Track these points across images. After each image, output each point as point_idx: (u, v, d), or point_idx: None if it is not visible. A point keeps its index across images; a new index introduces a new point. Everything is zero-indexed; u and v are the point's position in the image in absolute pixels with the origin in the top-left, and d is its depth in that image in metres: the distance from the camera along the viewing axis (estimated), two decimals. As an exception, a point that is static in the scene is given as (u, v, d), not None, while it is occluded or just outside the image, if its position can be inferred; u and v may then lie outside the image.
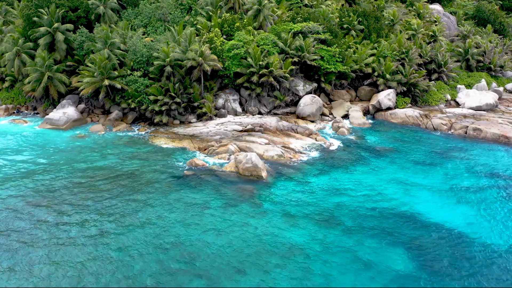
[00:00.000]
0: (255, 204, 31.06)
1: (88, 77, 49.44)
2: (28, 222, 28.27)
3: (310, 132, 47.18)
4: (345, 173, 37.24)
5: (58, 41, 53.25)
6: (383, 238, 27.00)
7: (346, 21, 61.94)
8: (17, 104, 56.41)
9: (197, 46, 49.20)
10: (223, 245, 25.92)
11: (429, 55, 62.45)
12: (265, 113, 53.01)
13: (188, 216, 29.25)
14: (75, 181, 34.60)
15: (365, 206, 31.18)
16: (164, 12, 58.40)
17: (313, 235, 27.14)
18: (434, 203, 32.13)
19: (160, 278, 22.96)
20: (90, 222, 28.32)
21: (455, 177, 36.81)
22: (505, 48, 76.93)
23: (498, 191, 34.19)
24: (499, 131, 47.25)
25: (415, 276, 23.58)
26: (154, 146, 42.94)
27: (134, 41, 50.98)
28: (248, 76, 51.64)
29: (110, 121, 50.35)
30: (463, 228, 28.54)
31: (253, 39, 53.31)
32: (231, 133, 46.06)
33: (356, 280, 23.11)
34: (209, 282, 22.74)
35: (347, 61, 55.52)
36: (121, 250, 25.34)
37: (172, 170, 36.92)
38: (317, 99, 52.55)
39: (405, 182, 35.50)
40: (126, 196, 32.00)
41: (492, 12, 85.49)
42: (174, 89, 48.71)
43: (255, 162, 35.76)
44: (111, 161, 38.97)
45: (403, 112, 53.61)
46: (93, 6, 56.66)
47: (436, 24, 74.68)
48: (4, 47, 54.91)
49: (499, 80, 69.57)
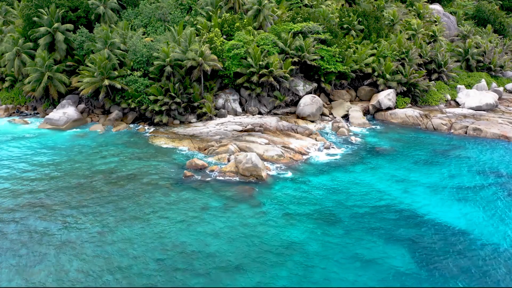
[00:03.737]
0: (255, 203, 31.07)
1: (88, 77, 49.48)
2: (27, 222, 28.25)
3: (310, 132, 47.19)
4: (345, 172, 37.26)
5: (58, 41, 53.31)
6: (383, 237, 27.01)
7: (346, 21, 61.97)
8: (17, 104, 56.44)
9: (197, 46, 49.22)
10: (223, 244, 25.93)
11: (429, 55, 62.46)
12: (265, 113, 53.01)
13: (188, 215, 29.26)
14: (74, 181, 34.62)
15: (365, 205, 31.20)
16: (164, 12, 58.43)
17: (313, 234, 27.16)
18: (434, 201, 32.14)
19: (160, 278, 22.95)
20: (89, 222, 28.32)
21: (455, 176, 36.83)
22: (505, 48, 76.96)
23: (498, 189, 34.18)
24: (499, 131, 47.28)
25: (415, 274, 23.58)
26: (154, 146, 42.96)
27: (134, 41, 51.01)
28: (248, 76, 51.65)
29: (110, 121, 50.38)
30: (463, 226, 28.55)
31: (253, 39, 53.32)
32: (231, 133, 46.06)
33: (356, 279, 23.10)
34: (208, 281, 22.74)
35: (347, 61, 55.53)
36: (121, 249, 25.34)
37: (172, 170, 36.93)
38: (317, 99, 52.57)
39: (405, 181, 35.51)
40: (126, 196, 32.01)
41: (492, 12, 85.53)
42: (174, 89, 48.72)
43: (255, 162, 35.76)
44: (111, 161, 38.98)
45: (403, 112, 53.62)
46: (93, 6, 56.70)
47: (436, 24, 74.71)
48: (4, 47, 54.96)
49: (499, 80, 69.60)
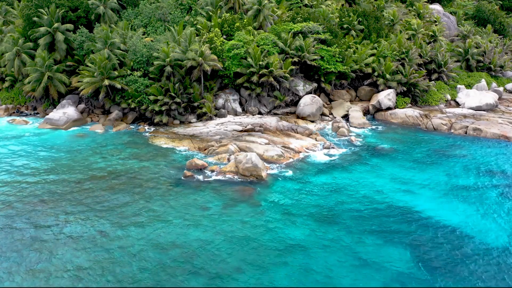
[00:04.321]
0: (255, 203, 31.07)
1: (88, 77, 49.47)
2: (27, 222, 28.26)
3: (310, 132, 47.18)
4: (345, 172, 37.26)
5: (58, 41, 53.29)
6: (383, 237, 27.01)
7: (346, 21, 61.96)
8: (17, 104, 56.43)
9: (197, 46, 49.21)
10: (223, 244, 25.92)
11: (429, 55, 62.45)
12: (265, 113, 53.00)
13: (188, 215, 29.26)
14: (74, 181, 34.62)
15: (364, 205, 31.20)
16: (164, 12, 58.42)
17: (313, 234, 27.15)
18: (434, 201, 32.14)
19: (160, 277, 22.95)
20: (89, 222, 28.32)
21: (455, 176, 36.82)
22: (505, 48, 76.95)
23: (498, 189, 34.17)
24: (499, 131, 47.28)
25: (415, 274, 23.57)
26: (154, 146, 42.95)
27: (134, 41, 51.00)
28: (248, 76, 51.64)
29: (110, 121, 50.36)
30: (463, 226, 28.54)
31: (253, 39, 53.31)
32: (231, 133, 46.05)
33: (356, 279, 23.10)
34: (208, 281, 22.73)
35: (347, 61, 55.52)
36: (121, 249, 25.34)
37: (172, 170, 36.93)
38: (317, 99, 52.56)
39: (405, 181, 35.51)
40: (125, 196, 32.01)
41: (492, 12, 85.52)
42: (174, 89, 48.71)
43: (255, 162, 35.77)
44: (111, 161, 38.98)
45: (403, 112, 53.61)
46: (93, 6, 56.69)
47: (436, 24, 74.70)
48: (4, 47, 54.95)
49: (499, 80, 69.59)
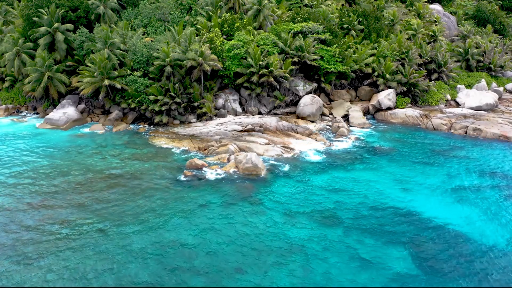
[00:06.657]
0: (255, 203, 31.06)
1: (88, 77, 49.48)
2: (27, 222, 28.26)
3: (310, 132, 47.19)
4: (345, 172, 37.25)
5: (58, 41, 53.32)
6: (382, 237, 27.00)
7: (346, 21, 61.98)
8: (17, 104, 56.47)
9: (197, 46, 49.22)
10: (223, 244, 25.92)
11: (429, 55, 62.48)
12: (265, 113, 53.01)
13: (188, 215, 29.25)
14: (74, 181, 34.61)
15: (364, 205, 31.18)
16: (164, 12, 58.44)
17: (313, 234, 27.14)
18: (434, 202, 32.11)
19: (160, 277, 22.94)
20: (89, 222, 28.32)
21: (455, 176, 36.81)
22: (505, 48, 76.98)
23: (498, 190, 34.15)
24: (499, 131, 47.28)
25: (415, 275, 23.56)
26: (154, 146, 42.96)
27: (134, 41, 51.01)
28: (248, 76, 51.66)
29: (110, 121, 50.38)
30: (463, 227, 28.52)
31: (253, 39, 53.33)
32: (231, 133, 46.06)
33: (356, 279, 23.09)
34: (208, 280, 22.72)
35: (347, 61, 55.53)
36: (121, 249, 25.33)
37: (172, 170, 36.92)
38: (317, 99, 52.56)
39: (405, 181, 35.50)
40: (125, 196, 32.00)
41: (492, 12, 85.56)
42: (174, 89, 48.72)
43: (255, 162, 35.77)
44: (111, 161, 38.98)
45: (403, 112, 53.62)
46: (93, 6, 56.72)
47: (436, 24, 74.74)
48: (4, 47, 54.99)
49: (499, 80, 69.61)
